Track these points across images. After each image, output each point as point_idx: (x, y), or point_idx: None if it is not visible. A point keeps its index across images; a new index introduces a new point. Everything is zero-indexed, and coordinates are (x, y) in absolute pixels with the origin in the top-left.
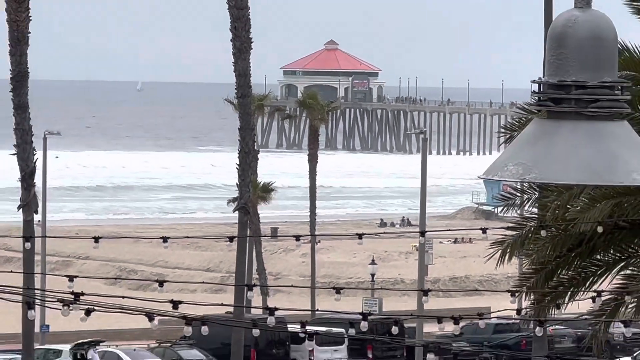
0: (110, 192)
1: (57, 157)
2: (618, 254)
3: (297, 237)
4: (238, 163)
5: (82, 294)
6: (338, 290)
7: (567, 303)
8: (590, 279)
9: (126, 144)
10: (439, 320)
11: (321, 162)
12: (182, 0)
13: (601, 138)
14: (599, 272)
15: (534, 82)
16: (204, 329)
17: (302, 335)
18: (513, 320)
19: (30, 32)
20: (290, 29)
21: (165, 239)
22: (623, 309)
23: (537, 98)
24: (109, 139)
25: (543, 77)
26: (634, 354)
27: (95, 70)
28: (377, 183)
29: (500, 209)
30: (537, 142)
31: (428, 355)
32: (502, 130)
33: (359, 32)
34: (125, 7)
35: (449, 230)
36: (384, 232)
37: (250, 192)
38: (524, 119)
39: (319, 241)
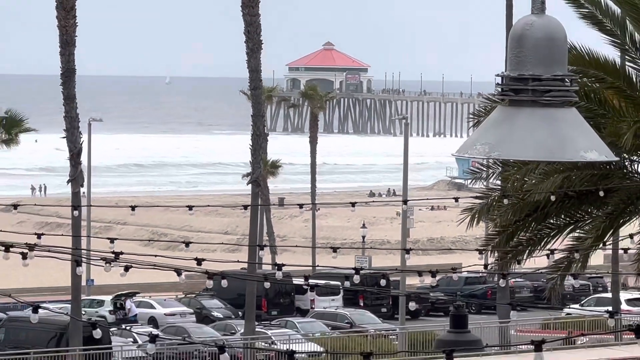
0: (145, 169)
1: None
2: (568, 219)
3: (300, 206)
4: (251, 144)
5: (121, 253)
6: (334, 249)
7: (526, 259)
8: (545, 240)
9: (158, 129)
10: (419, 274)
11: (320, 143)
12: (207, 9)
13: (553, 122)
14: (552, 234)
15: (497, 75)
16: (223, 282)
17: (304, 287)
18: (480, 274)
19: (77, 36)
20: (294, 32)
21: (190, 207)
22: (574, 265)
23: (500, 89)
24: (144, 124)
25: (505, 71)
26: (581, 302)
27: (129, 66)
28: (367, 160)
29: (469, 181)
30: (500, 125)
31: (410, 303)
32: (471, 116)
33: (351, 35)
34: (156, 13)
35: (427, 199)
36: (373, 201)
37: (261, 168)
38: (489, 106)
39: (319, 209)
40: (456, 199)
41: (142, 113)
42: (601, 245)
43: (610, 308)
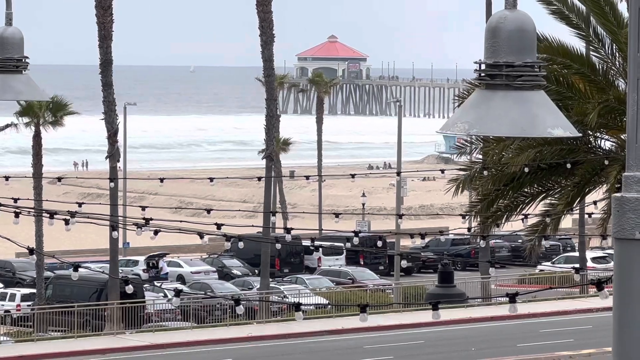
0: (173, 146)
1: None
2: (540, 188)
3: (308, 177)
4: (265, 124)
5: (151, 219)
6: (337, 215)
7: (504, 223)
8: (520, 206)
9: (184, 111)
10: (411, 236)
11: (325, 123)
12: (227, 5)
13: (525, 103)
14: (526, 201)
15: (476, 62)
16: (241, 244)
17: (312, 248)
18: (465, 236)
19: (113, 31)
20: (302, 27)
21: (211, 179)
22: (548, 228)
23: (478, 74)
24: (172, 107)
25: (483, 59)
26: (552, 260)
27: (157, 56)
28: (366, 138)
29: (455, 155)
30: (478, 106)
31: (402, 261)
32: (456, 98)
33: (352, 29)
34: (181, 9)
35: (418, 171)
36: (371, 173)
37: (274, 145)
38: (471, 90)
39: (324, 180)
40: (443, 171)
41: (170, 98)
42: (570, 210)
43: (577, 265)
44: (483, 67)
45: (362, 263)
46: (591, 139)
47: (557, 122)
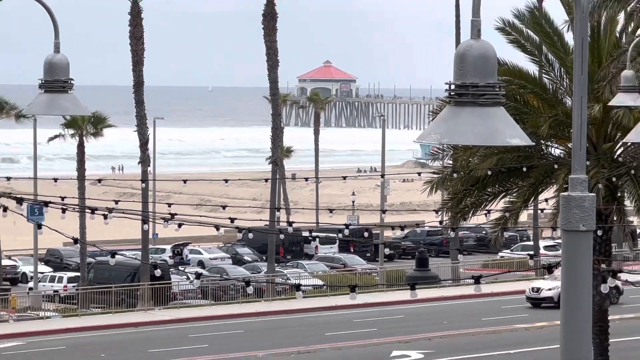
0: (195, 153)
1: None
2: (501, 188)
3: (307, 179)
4: (271, 135)
5: (176, 214)
6: (331, 210)
7: (470, 217)
8: (484, 204)
9: (204, 124)
10: (393, 228)
11: (321, 134)
12: (240, 33)
13: (488, 117)
14: (489, 199)
15: (446, 83)
16: (251, 235)
17: (310, 238)
18: (438, 228)
19: (145, 57)
20: (302, 53)
21: (226, 181)
22: (509, 221)
23: (448, 93)
24: (193, 121)
25: (452, 81)
26: (511, 248)
27: (179, 78)
28: (355, 146)
29: (430, 161)
30: (449, 120)
31: (386, 249)
32: (430, 113)
33: (344, 55)
34: (199, 36)
35: (399, 174)
36: (359, 175)
37: (279, 152)
38: (442, 106)
39: (321, 181)
40: (419, 174)
41: (192, 113)
42: (526, 207)
43: (532, 252)
44: (453, 87)
45: (352, 251)
46: (543, 147)
47: (514, 133)
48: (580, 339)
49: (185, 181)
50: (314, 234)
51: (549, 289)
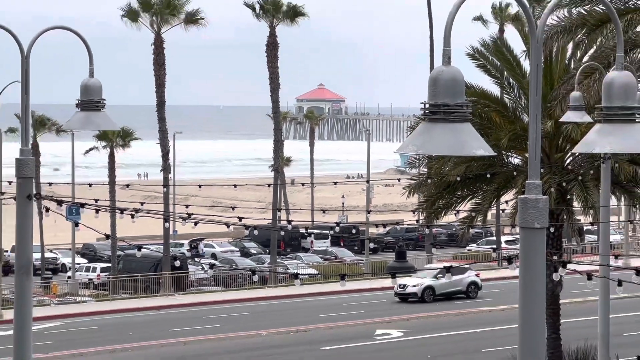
0: (209, 162)
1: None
2: (469, 192)
3: (303, 184)
4: (273, 147)
5: (192, 214)
6: (324, 211)
7: (442, 217)
8: (454, 205)
9: (216, 137)
10: (376, 225)
11: (316, 146)
12: (248, 59)
13: (457, 132)
14: (459, 201)
15: (422, 103)
16: (256, 232)
17: (306, 234)
18: (415, 226)
19: (166, 81)
20: (300, 77)
21: (235, 186)
22: (475, 220)
23: (423, 112)
24: (207, 135)
25: (427, 100)
26: (477, 242)
27: (193, 97)
28: (345, 156)
29: (408, 168)
30: (424, 134)
31: (370, 244)
32: (408, 128)
33: (335, 78)
34: (210, 59)
35: (382, 180)
36: (348, 181)
37: (280, 161)
38: (418, 122)
39: (315, 186)
40: (399, 180)
41: (207, 127)
42: (489, 207)
43: (494, 246)
44: (427, 106)
45: (342, 245)
46: (504, 157)
47: (479, 145)
48: (536, 319)
49: (200, 186)
50: (309, 230)
51: (414, 286)
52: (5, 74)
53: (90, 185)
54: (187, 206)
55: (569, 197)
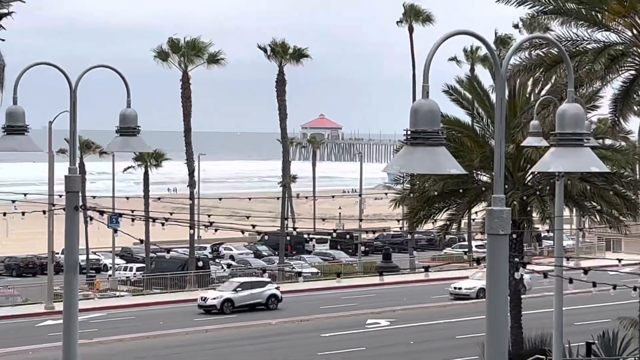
0: (229, 179)
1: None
2: (445, 204)
3: (307, 197)
4: (282, 166)
5: (214, 222)
6: (324, 219)
7: (423, 225)
8: (433, 215)
9: (235, 158)
10: (367, 232)
11: (317, 166)
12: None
13: (434, 154)
14: (437, 212)
15: (405, 130)
16: (266, 237)
17: (309, 239)
18: (400, 232)
19: (191, 111)
20: (304, 108)
21: (250, 198)
22: (454, 227)
23: (406, 137)
24: (229, 156)
25: (409, 128)
26: (452, 246)
27: (214, 124)
28: (341, 174)
29: (394, 184)
30: (407, 155)
31: (362, 247)
32: (394, 151)
33: (333, 109)
34: (227, 92)
35: (372, 194)
36: (344, 195)
37: (287, 179)
38: (402, 146)
39: (317, 199)
40: (386, 194)
41: (227, 150)
42: (462, 217)
43: (466, 250)
44: (409, 132)
45: (339, 248)
46: (474, 175)
47: (453, 165)
48: (500, 311)
49: (220, 199)
50: (311, 236)
51: (213, 298)
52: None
53: (127, 198)
54: (209, 215)
55: (529, 208)
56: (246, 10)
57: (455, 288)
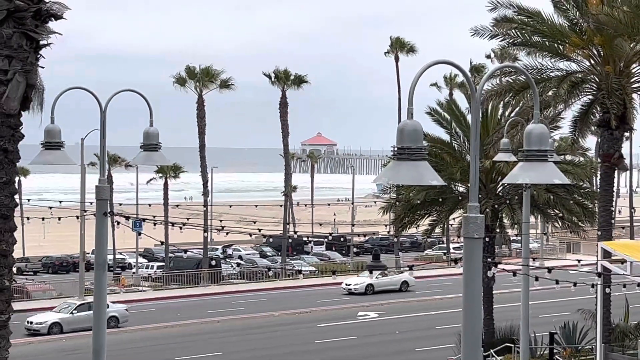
0: (238, 189)
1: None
2: (427, 211)
3: (306, 205)
4: (284, 178)
5: (225, 226)
6: (321, 224)
7: (407, 229)
8: (416, 221)
9: (243, 170)
10: (359, 235)
11: (315, 178)
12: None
13: (417, 168)
14: (419, 218)
15: (392, 146)
16: (270, 239)
17: (308, 241)
18: (387, 236)
19: (206, 130)
20: (304, 127)
21: (256, 206)
22: (438, 230)
23: (393, 153)
24: (237, 169)
25: (395, 145)
26: (432, 248)
27: (221, 140)
28: (336, 185)
29: (382, 194)
30: (394, 169)
31: (354, 248)
32: (383, 165)
33: (330, 128)
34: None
35: (363, 202)
36: (338, 203)
37: (289, 189)
38: (389, 161)
39: (315, 206)
40: (376, 202)
41: (235, 163)
42: (442, 223)
43: (445, 251)
44: (396, 149)
45: (333, 249)
46: (453, 186)
47: (434, 177)
48: (475, 305)
49: (230, 206)
50: (310, 238)
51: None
52: (87, 122)
53: (149, 205)
54: (220, 221)
55: (500, 215)
56: (246, 41)
57: (346, 284)
